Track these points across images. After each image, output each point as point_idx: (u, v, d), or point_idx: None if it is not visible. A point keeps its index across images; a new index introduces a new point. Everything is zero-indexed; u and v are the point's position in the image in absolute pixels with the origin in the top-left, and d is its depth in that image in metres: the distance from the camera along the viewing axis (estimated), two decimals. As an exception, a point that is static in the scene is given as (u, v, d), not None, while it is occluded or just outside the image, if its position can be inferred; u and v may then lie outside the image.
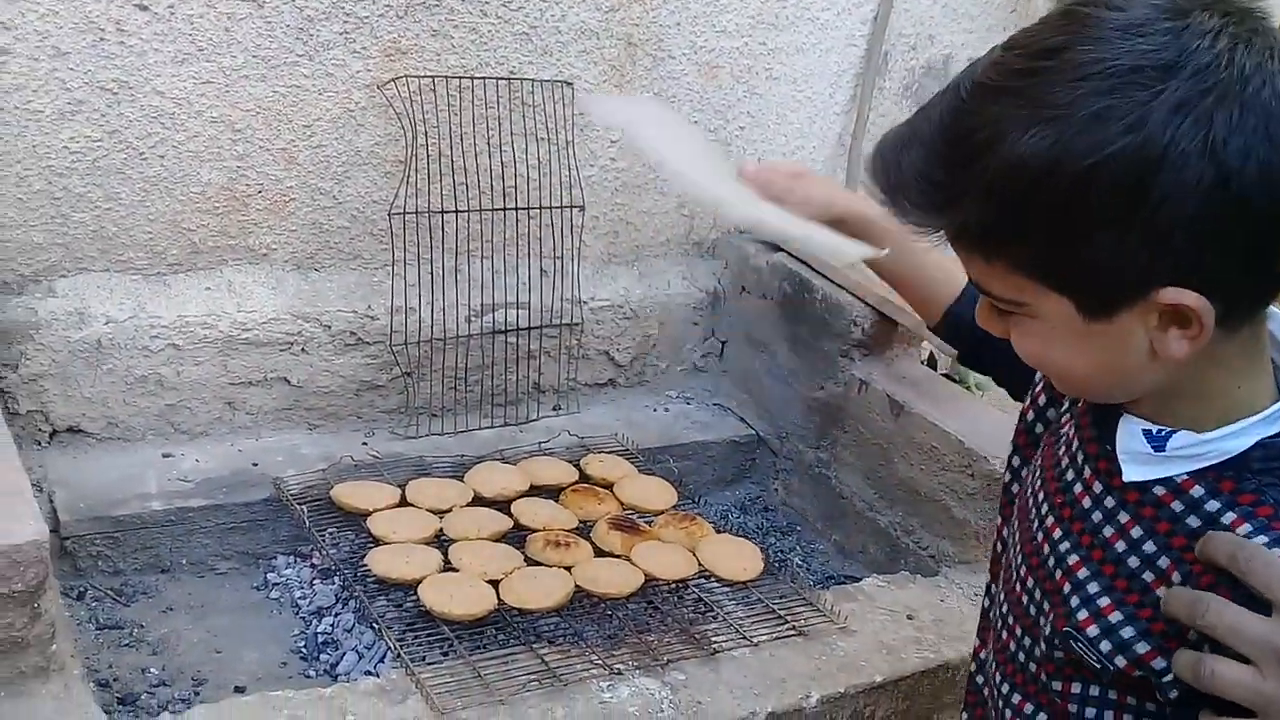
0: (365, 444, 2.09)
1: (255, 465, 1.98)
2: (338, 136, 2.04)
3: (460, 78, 2.07)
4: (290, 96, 1.98)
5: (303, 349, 2.05)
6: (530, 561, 1.77)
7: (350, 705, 1.38)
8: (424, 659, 1.56)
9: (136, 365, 1.93)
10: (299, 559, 1.91)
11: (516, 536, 1.84)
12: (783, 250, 2.42)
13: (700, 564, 1.81)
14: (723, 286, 2.49)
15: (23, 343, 1.84)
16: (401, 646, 1.55)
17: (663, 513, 1.95)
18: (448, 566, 1.72)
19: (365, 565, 1.71)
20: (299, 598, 1.83)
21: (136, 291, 1.94)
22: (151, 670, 1.65)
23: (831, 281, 2.29)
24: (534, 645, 1.57)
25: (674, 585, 1.78)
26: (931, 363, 2.47)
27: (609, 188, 2.35)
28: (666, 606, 1.74)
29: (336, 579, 1.79)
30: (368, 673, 1.64)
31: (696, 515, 1.95)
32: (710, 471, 2.37)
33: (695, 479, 2.30)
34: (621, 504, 1.97)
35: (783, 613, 1.72)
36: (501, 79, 2.12)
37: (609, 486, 2.01)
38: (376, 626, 1.62)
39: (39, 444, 1.90)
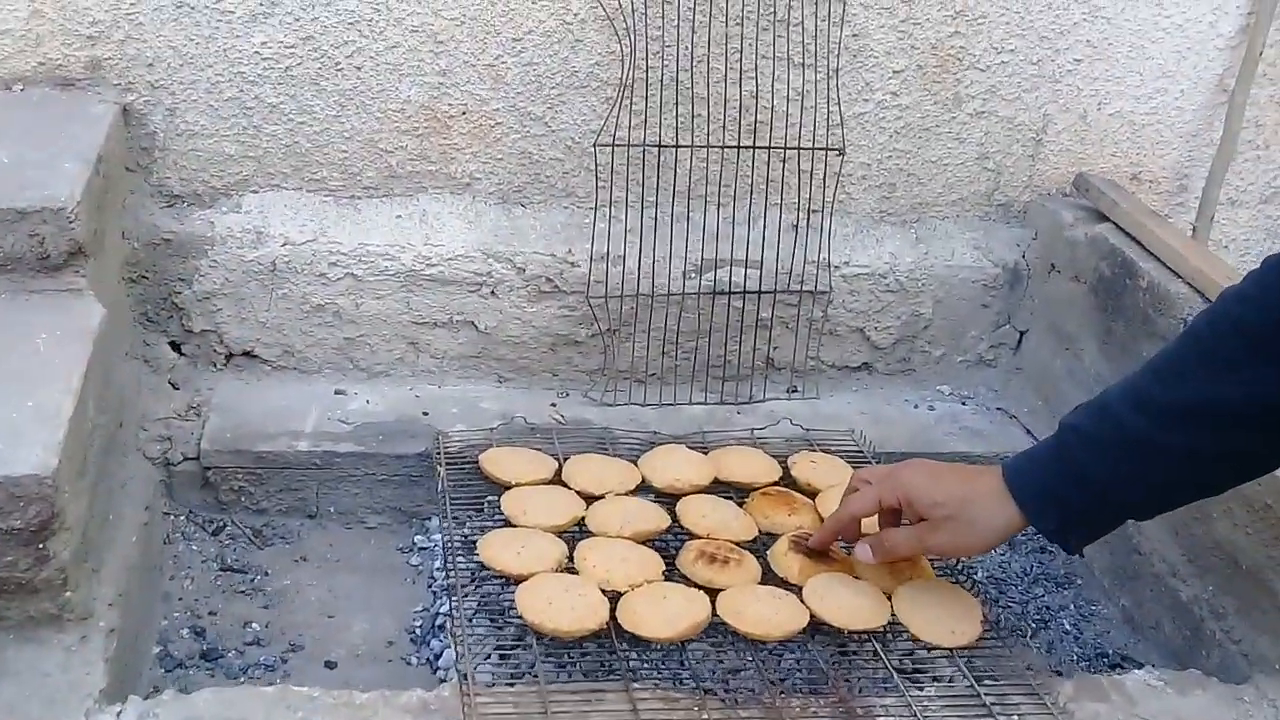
0: (554, 405, 1.85)
1: (425, 415, 1.79)
2: (552, 53, 1.78)
3: (693, -16, 1.74)
4: (499, 4, 1.74)
5: (492, 292, 1.83)
6: (676, 575, 1.43)
7: (375, 720, 1.14)
8: (510, 676, 1.29)
9: (313, 293, 1.80)
10: (455, 524, 1.70)
11: (674, 541, 1.51)
12: (1109, 219, 1.88)
13: (894, 614, 1.39)
14: (1027, 262, 1.99)
15: (197, 258, 1.76)
16: (474, 659, 1.28)
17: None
18: (569, 565, 1.42)
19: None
20: (437, 568, 1.63)
21: (322, 214, 1.81)
22: (253, 625, 1.51)
23: (1165, 266, 1.73)
24: (634, 684, 1.25)
25: (849, 637, 1.37)
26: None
27: (887, 130, 1.92)
28: (829, 663, 1.34)
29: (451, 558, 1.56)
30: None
31: (915, 548, 1.51)
32: (978, 491, 1.89)
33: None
34: (821, 518, 1.57)
35: (990, 700, 1.27)
36: (745, -13, 1.76)
37: (813, 495, 1.62)
38: (454, 623, 1.36)
39: (214, 366, 1.82)
